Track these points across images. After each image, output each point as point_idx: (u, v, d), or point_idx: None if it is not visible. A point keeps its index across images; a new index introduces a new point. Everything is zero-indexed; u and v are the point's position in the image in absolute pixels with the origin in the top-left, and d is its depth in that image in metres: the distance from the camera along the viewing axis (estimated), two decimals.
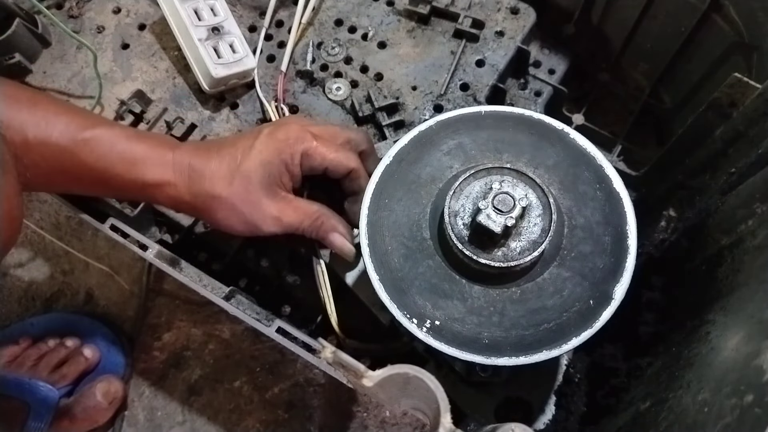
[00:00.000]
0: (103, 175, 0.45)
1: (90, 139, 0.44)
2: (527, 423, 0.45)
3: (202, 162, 0.46)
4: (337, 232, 0.49)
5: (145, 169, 0.45)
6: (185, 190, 0.46)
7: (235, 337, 0.84)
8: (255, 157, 0.45)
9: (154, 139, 0.47)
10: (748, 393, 0.31)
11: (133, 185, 0.46)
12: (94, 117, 0.48)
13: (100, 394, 0.76)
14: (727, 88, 0.49)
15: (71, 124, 0.44)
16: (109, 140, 0.45)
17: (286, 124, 0.48)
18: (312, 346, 0.48)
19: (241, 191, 0.45)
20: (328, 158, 0.47)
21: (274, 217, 0.47)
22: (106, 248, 0.89)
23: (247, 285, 0.61)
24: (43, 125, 0.43)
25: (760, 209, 0.44)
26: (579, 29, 0.68)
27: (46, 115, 0.44)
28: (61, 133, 0.43)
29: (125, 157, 0.45)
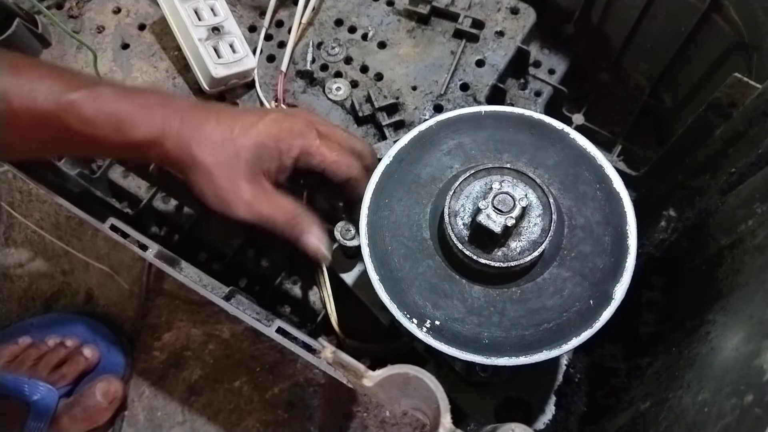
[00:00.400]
0: (91, 137, 0.44)
1: (76, 101, 0.42)
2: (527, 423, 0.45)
3: (197, 121, 0.44)
4: (311, 234, 0.47)
5: (133, 129, 0.43)
6: (174, 146, 0.44)
7: (235, 337, 0.84)
8: (252, 135, 0.44)
9: (144, 96, 0.45)
10: (748, 393, 0.31)
11: (121, 145, 0.44)
12: (81, 77, 0.45)
13: (99, 394, 0.75)
14: (727, 88, 0.49)
15: (55, 87, 0.42)
16: (95, 101, 0.43)
17: (295, 116, 0.46)
18: (312, 346, 0.48)
19: (224, 162, 0.44)
20: (328, 160, 0.46)
21: (246, 201, 0.45)
22: (106, 248, 0.89)
23: (247, 285, 0.61)
24: (27, 90, 0.41)
25: (760, 209, 0.44)
26: (579, 29, 0.68)
27: (29, 80, 0.42)
28: (45, 97, 0.42)
29: (113, 117, 0.43)
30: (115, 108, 0.43)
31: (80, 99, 0.43)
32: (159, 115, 0.44)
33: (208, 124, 0.44)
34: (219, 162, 0.44)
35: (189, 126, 0.44)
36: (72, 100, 0.42)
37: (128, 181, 0.62)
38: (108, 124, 0.43)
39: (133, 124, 0.43)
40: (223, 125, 0.44)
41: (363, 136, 0.58)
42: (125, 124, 0.43)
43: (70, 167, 0.58)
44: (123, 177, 0.62)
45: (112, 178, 0.62)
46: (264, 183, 0.46)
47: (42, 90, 0.42)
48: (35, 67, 0.43)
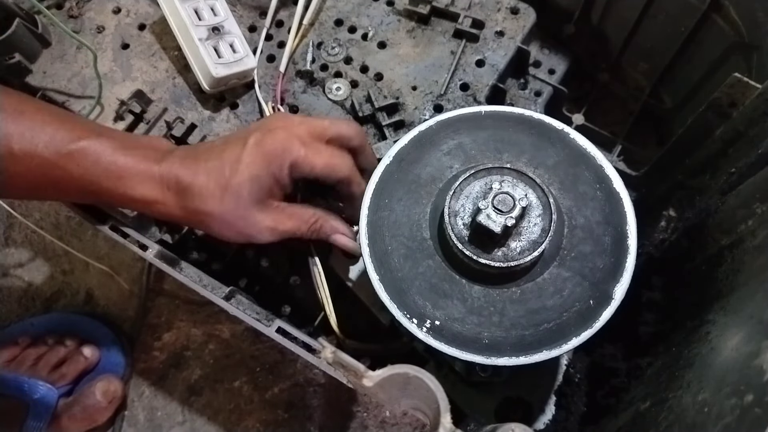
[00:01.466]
0: (90, 188, 0.45)
1: (75, 151, 0.43)
2: (527, 423, 0.45)
3: (190, 175, 0.45)
4: (338, 233, 0.49)
5: (132, 186, 0.44)
6: (175, 207, 0.45)
7: (235, 337, 0.84)
8: (243, 171, 0.44)
9: (141, 151, 0.46)
10: (748, 393, 0.31)
11: (122, 199, 0.45)
12: (82, 126, 0.46)
13: (99, 394, 0.75)
14: (727, 88, 0.49)
15: (57, 135, 0.43)
16: (95, 153, 0.44)
17: (273, 131, 0.46)
18: (312, 346, 0.48)
19: (232, 208, 0.44)
20: (317, 168, 0.46)
21: (269, 228, 0.46)
22: (106, 248, 0.89)
23: (247, 285, 0.61)
24: (29, 137, 0.42)
25: (760, 209, 0.44)
26: (579, 29, 0.68)
27: (32, 126, 0.43)
28: (46, 145, 0.43)
29: (111, 172, 0.44)
30: (114, 162, 0.44)
31: (80, 150, 0.44)
32: (155, 172, 0.45)
33: (200, 175, 0.45)
34: (226, 209, 0.45)
35: (184, 183, 0.44)
36: (71, 151, 0.43)
37: None
38: (107, 178, 0.44)
39: (132, 180, 0.44)
40: (213, 172, 0.45)
41: None
42: (124, 180, 0.44)
43: None
44: None
45: None
46: (275, 204, 0.46)
47: (43, 138, 0.43)
48: (39, 112, 0.44)
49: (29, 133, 0.42)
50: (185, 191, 0.44)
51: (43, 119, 0.44)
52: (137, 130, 0.58)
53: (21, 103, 0.44)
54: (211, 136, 0.59)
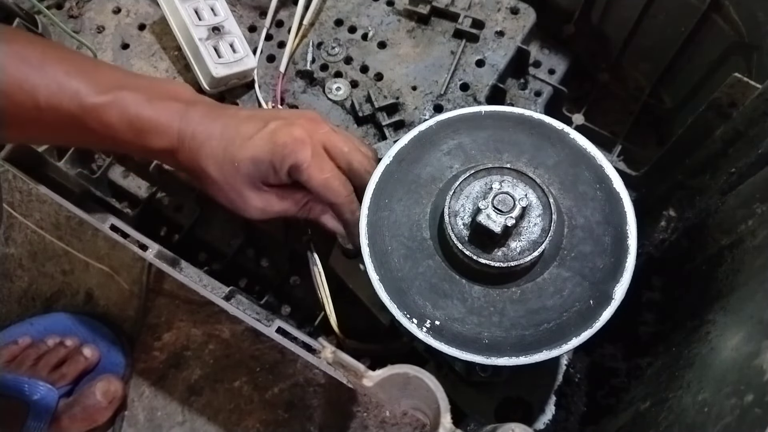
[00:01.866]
0: (112, 140, 0.46)
1: (99, 105, 0.44)
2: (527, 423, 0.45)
3: (205, 134, 0.46)
4: (327, 214, 0.50)
5: (152, 138, 0.46)
6: (185, 158, 0.46)
7: (235, 337, 0.84)
8: (248, 149, 0.45)
9: (164, 103, 0.47)
10: (748, 393, 0.31)
11: (141, 150, 0.47)
12: (106, 77, 0.46)
13: (99, 394, 0.75)
14: (727, 88, 0.49)
15: (81, 88, 0.44)
16: (118, 108, 0.45)
17: (293, 126, 0.46)
18: (312, 346, 0.48)
19: (228, 177, 0.46)
20: (313, 182, 0.46)
21: (258, 207, 0.47)
22: (106, 248, 0.89)
23: (247, 285, 0.61)
24: (54, 89, 0.43)
25: (760, 209, 0.44)
26: (579, 29, 0.68)
27: (56, 77, 0.43)
28: (71, 99, 0.43)
29: (134, 125, 0.45)
30: (137, 115, 0.45)
31: (104, 104, 0.44)
32: (176, 125, 0.46)
33: (213, 138, 0.46)
34: (223, 176, 0.46)
35: (198, 139, 0.46)
36: (96, 105, 0.44)
37: (128, 181, 0.62)
38: (129, 131, 0.45)
39: (152, 133, 0.46)
40: (226, 137, 0.46)
41: (363, 136, 0.58)
42: (145, 132, 0.45)
43: (70, 167, 0.58)
44: (123, 177, 0.62)
45: (112, 178, 0.62)
46: (265, 188, 0.47)
47: (69, 91, 0.43)
48: (62, 62, 0.44)
49: (54, 86, 0.43)
50: (197, 147, 0.46)
51: (67, 70, 0.44)
52: None
53: (44, 52, 0.44)
54: None
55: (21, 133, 0.47)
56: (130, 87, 0.46)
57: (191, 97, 0.49)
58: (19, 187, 0.92)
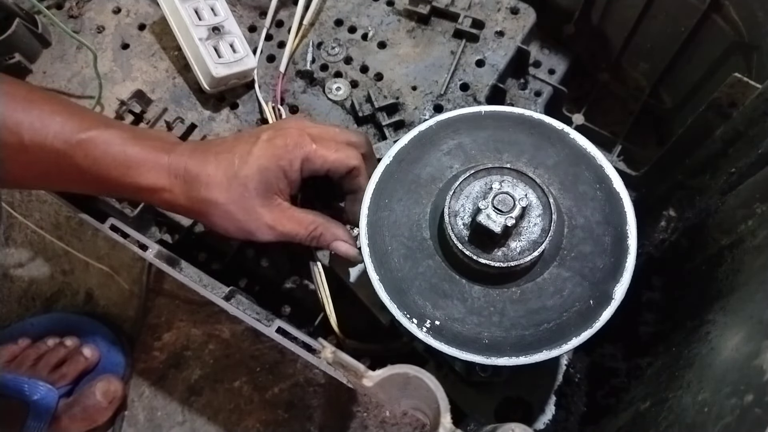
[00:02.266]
0: (98, 178, 0.45)
1: (85, 141, 0.44)
2: (527, 423, 0.45)
3: (199, 166, 0.45)
4: (339, 240, 0.49)
5: (140, 174, 0.45)
6: (181, 195, 0.46)
7: (235, 337, 0.84)
8: (253, 163, 0.45)
9: (150, 141, 0.47)
10: (748, 393, 0.31)
11: (129, 188, 0.46)
12: (91, 117, 0.46)
13: (99, 394, 0.75)
14: (727, 88, 0.49)
15: (66, 126, 0.44)
16: (104, 143, 0.44)
17: (285, 129, 0.47)
18: (312, 346, 0.48)
19: (236, 198, 0.45)
20: (329, 160, 0.46)
21: (268, 225, 0.46)
22: (106, 248, 0.89)
23: (247, 285, 0.61)
24: (38, 126, 0.43)
25: (760, 209, 0.44)
26: (579, 29, 0.68)
27: (41, 116, 0.43)
28: (56, 135, 0.43)
29: (120, 161, 0.45)
30: (123, 152, 0.45)
31: (89, 140, 0.44)
32: (164, 162, 0.45)
33: (209, 166, 0.45)
34: (231, 198, 0.45)
35: (192, 172, 0.45)
36: (81, 140, 0.44)
37: None
38: (115, 167, 0.45)
39: (140, 169, 0.45)
40: (223, 163, 0.45)
41: None
42: (132, 169, 0.45)
43: None
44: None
45: None
46: (279, 202, 0.47)
47: (53, 127, 0.43)
48: (48, 102, 0.45)
49: (39, 123, 0.43)
50: (193, 180, 0.45)
51: (53, 109, 0.44)
52: None
53: (30, 92, 0.45)
54: (211, 136, 0.59)
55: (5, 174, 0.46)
56: (114, 126, 0.46)
57: (176, 139, 0.50)
58: None
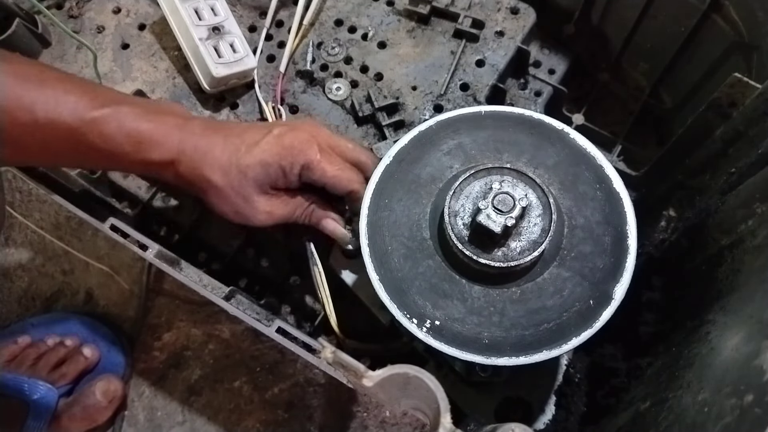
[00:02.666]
0: (111, 154, 0.46)
1: (98, 118, 0.44)
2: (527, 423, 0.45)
3: (208, 145, 0.46)
4: (327, 218, 0.50)
5: (151, 150, 0.46)
6: (187, 169, 0.47)
7: (235, 337, 0.84)
8: (256, 154, 0.46)
9: (163, 116, 0.47)
10: (748, 393, 0.31)
11: (140, 163, 0.47)
12: (105, 94, 0.47)
13: (99, 393, 0.75)
14: (727, 88, 0.49)
15: (80, 104, 0.44)
16: (117, 120, 0.45)
17: (297, 130, 0.48)
18: (312, 346, 0.48)
19: (234, 184, 0.46)
20: (327, 175, 0.47)
21: (265, 212, 0.48)
22: (106, 248, 0.89)
23: (247, 285, 0.61)
24: (53, 104, 0.43)
25: (760, 209, 0.44)
26: (579, 29, 0.68)
27: (55, 94, 0.43)
28: (70, 113, 0.43)
29: (132, 137, 0.45)
30: (136, 128, 0.45)
31: (103, 117, 0.44)
32: (176, 137, 0.46)
33: (217, 147, 0.46)
34: (229, 182, 0.46)
35: (201, 150, 0.46)
36: (95, 118, 0.44)
37: (128, 181, 0.62)
38: (128, 143, 0.45)
39: (151, 145, 0.46)
40: (230, 146, 0.46)
41: (363, 136, 0.58)
42: (144, 144, 0.45)
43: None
44: (123, 177, 0.62)
45: (112, 178, 0.62)
46: (273, 191, 0.48)
47: (67, 105, 0.43)
48: (61, 81, 0.45)
49: (53, 101, 0.43)
50: (200, 157, 0.46)
51: (65, 88, 0.44)
52: None
53: (42, 72, 0.45)
54: None
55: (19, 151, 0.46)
56: (127, 102, 0.47)
57: (187, 114, 0.50)
58: (19, 187, 0.92)
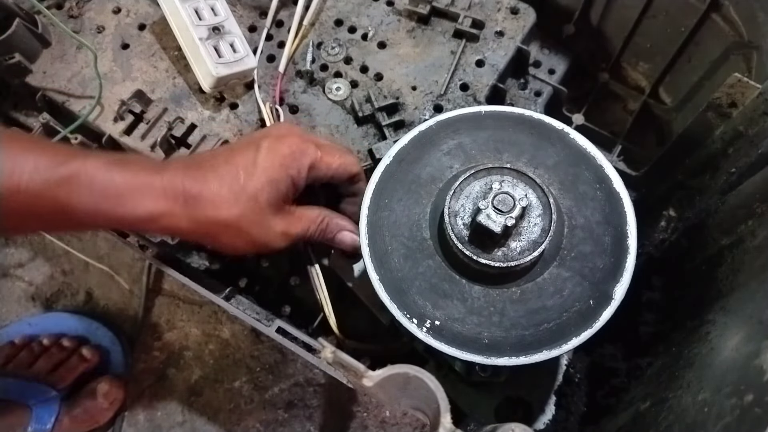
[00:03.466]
0: (87, 214, 0.40)
1: (66, 177, 0.38)
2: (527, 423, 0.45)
3: (199, 184, 0.41)
4: (345, 230, 0.49)
5: (134, 202, 0.40)
6: (183, 218, 0.41)
7: (235, 337, 0.84)
8: (260, 174, 0.42)
9: (136, 165, 0.42)
10: (748, 393, 0.31)
11: (124, 220, 0.41)
12: (66, 149, 0.41)
13: (100, 395, 0.76)
14: (727, 88, 0.49)
15: (40, 162, 0.38)
16: (87, 174, 0.39)
17: (286, 137, 0.45)
18: (312, 346, 0.48)
19: (248, 213, 0.42)
20: (333, 167, 0.46)
21: (283, 233, 0.45)
22: (106, 248, 0.89)
23: (247, 285, 0.61)
24: (9, 167, 0.37)
25: (760, 209, 0.44)
26: (579, 29, 0.68)
27: (11, 155, 0.37)
28: (31, 176, 0.37)
29: (109, 191, 0.39)
30: (110, 179, 0.40)
31: (71, 176, 0.39)
32: (157, 184, 0.41)
33: (210, 183, 0.42)
34: (242, 214, 0.42)
35: (192, 192, 0.41)
36: (62, 177, 0.38)
37: None
38: (105, 199, 0.40)
39: (132, 197, 0.40)
40: (226, 177, 0.42)
41: (363, 136, 0.58)
42: (125, 196, 0.40)
43: None
44: None
45: None
46: (287, 207, 0.45)
47: (26, 168, 0.37)
48: (15, 141, 0.39)
49: (10, 164, 0.37)
50: (195, 200, 0.41)
51: (22, 146, 0.38)
52: (137, 130, 0.58)
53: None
54: (211, 136, 0.59)
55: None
56: (94, 155, 0.41)
57: (160, 160, 0.44)
58: None
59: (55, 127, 0.58)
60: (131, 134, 0.58)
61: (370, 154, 0.56)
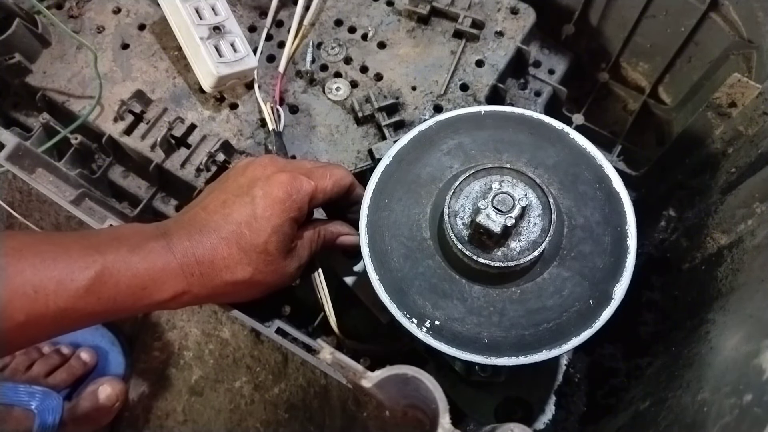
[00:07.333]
0: (115, 313, 0.40)
1: (90, 282, 0.38)
2: (527, 423, 0.45)
3: (208, 252, 0.41)
4: (341, 234, 0.49)
5: (159, 291, 0.41)
6: (202, 290, 0.42)
7: (235, 337, 0.84)
8: (264, 227, 0.42)
9: (147, 245, 0.41)
10: (748, 392, 0.31)
11: (149, 308, 0.42)
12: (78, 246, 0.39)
13: (103, 396, 0.76)
14: (727, 88, 0.49)
15: (62, 273, 0.37)
16: (111, 276, 0.39)
17: (274, 176, 0.43)
18: (311, 347, 0.48)
19: (261, 267, 0.43)
20: (328, 189, 0.45)
21: (295, 268, 0.45)
22: None
23: None
24: (31, 293, 0.36)
25: (760, 209, 0.44)
26: (579, 29, 0.68)
27: (35, 271, 0.37)
28: (56, 293, 0.37)
29: (134, 287, 0.40)
30: (134, 275, 0.40)
31: (95, 278, 0.38)
32: (174, 263, 0.41)
33: (220, 248, 0.42)
34: (257, 270, 0.43)
35: (205, 261, 0.41)
36: (87, 284, 0.38)
37: (128, 181, 0.62)
38: (133, 293, 0.40)
39: (156, 285, 0.40)
40: (230, 239, 0.42)
41: (363, 136, 0.58)
42: (149, 289, 0.40)
43: (70, 167, 0.58)
44: (123, 177, 0.62)
45: (112, 178, 0.62)
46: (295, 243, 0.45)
47: (50, 285, 0.37)
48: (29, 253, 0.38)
49: (31, 289, 0.36)
50: (209, 269, 0.42)
51: (38, 256, 0.37)
52: (137, 130, 0.58)
53: (10, 251, 0.37)
54: (211, 136, 0.59)
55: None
56: (107, 249, 0.40)
57: (152, 226, 0.44)
58: (19, 187, 0.92)
59: (55, 127, 0.58)
60: (131, 134, 0.58)
61: (370, 154, 0.56)
